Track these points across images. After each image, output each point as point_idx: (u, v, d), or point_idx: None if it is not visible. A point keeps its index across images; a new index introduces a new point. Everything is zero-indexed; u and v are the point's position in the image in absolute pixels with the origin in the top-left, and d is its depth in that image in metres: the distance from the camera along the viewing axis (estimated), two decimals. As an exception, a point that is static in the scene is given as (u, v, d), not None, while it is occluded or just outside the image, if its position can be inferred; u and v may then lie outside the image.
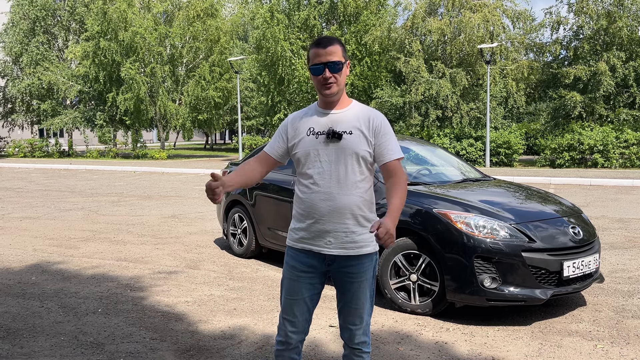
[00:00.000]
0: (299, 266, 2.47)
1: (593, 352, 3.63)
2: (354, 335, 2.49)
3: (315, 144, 2.40)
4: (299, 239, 2.47)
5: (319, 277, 2.48)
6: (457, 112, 22.51)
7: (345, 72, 2.39)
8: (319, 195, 2.38)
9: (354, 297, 2.45)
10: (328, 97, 2.39)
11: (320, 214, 2.39)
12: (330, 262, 2.44)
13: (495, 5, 22.45)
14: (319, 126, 2.42)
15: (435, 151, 6.06)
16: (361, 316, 2.47)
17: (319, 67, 2.34)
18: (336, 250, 2.40)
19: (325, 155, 2.38)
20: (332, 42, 2.36)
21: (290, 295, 2.48)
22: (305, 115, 2.49)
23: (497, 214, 4.28)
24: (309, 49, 2.40)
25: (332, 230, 2.39)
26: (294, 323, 2.49)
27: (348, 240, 2.39)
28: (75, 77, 29.86)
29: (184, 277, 5.53)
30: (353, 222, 2.39)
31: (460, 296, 4.10)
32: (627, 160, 19.48)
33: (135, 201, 11.49)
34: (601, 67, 20.96)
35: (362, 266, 2.43)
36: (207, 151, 39.09)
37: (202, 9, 28.47)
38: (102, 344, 3.77)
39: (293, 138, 2.47)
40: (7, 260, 6.25)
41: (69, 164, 23.44)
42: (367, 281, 2.45)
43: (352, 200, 2.37)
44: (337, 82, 2.36)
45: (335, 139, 2.36)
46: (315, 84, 2.39)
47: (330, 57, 2.33)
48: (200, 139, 63.17)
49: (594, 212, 9.42)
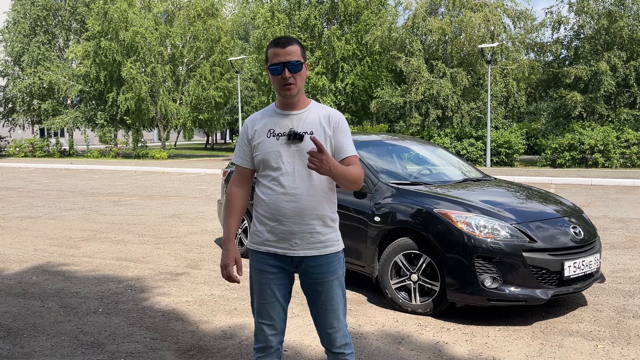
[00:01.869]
0: (267, 269, 2.43)
1: (594, 352, 3.63)
2: (334, 338, 2.45)
3: (276, 146, 2.37)
4: (263, 242, 2.43)
5: (288, 277, 2.47)
6: (457, 111, 22.51)
7: (304, 72, 2.36)
8: (284, 197, 2.35)
9: (327, 298, 2.42)
10: (287, 98, 2.36)
11: (285, 215, 2.36)
12: (298, 264, 2.41)
13: (496, 4, 22.44)
14: (279, 127, 2.39)
15: (436, 151, 6.06)
16: (338, 317, 2.44)
17: (278, 67, 2.31)
18: (303, 252, 2.38)
19: (287, 156, 2.35)
20: (291, 42, 2.34)
21: (264, 299, 2.45)
22: (263, 116, 2.46)
23: (498, 214, 4.28)
24: (267, 48, 2.38)
25: (298, 231, 2.36)
26: (272, 326, 2.46)
27: (314, 241, 2.37)
28: (76, 77, 29.87)
29: (184, 276, 5.53)
30: (319, 222, 2.37)
31: (461, 296, 4.10)
32: (627, 160, 19.46)
33: (136, 201, 11.49)
34: (602, 66, 20.94)
35: (330, 265, 2.41)
36: (208, 151, 39.10)
37: (203, 9, 28.47)
38: (103, 344, 3.77)
39: (253, 140, 2.44)
40: (8, 259, 6.26)
41: (70, 164, 23.45)
42: (337, 280, 2.44)
43: (318, 201, 2.36)
44: (296, 83, 2.33)
45: (297, 140, 2.34)
46: (275, 84, 2.36)
47: (289, 57, 2.31)
48: (201, 138, 63.18)
49: (594, 212, 9.41)
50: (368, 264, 4.69)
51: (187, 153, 34.61)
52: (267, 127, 2.41)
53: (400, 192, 4.64)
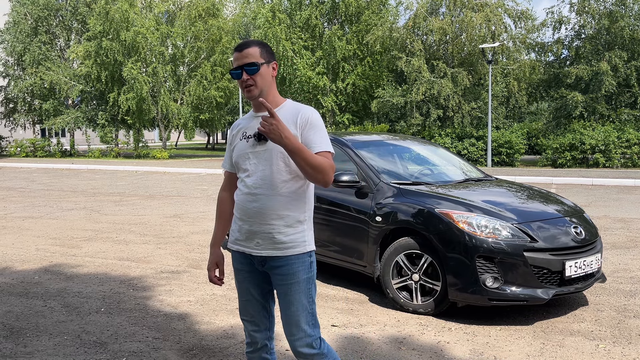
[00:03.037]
0: (240, 267, 2.50)
1: (595, 351, 3.64)
2: (293, 347, 2.40)
3: (246, 147, 2.41)
4: (234, 241, 2.49)
5: (262, 277, 2.48)
6: (458, 111, 22.51)
7: (265, 72, 2.36)
8: (247, 197, 2.39)
9: (286, 303, 2.39)
10: (250, 99, 2.41)
11: (248, 215, 2.39)
12: (262, 264, 2.42)
13: (497, 4, 22.44)
14: (250, 129, 2.42)
15: (437, 151, 6.06)
16: (297, 325, 2.38)
17: (237, 71, 2.35)
18: (265, 252, 2.39)
19: (254, 157, 2.38)
20: (249, 45, 2.36)
21: (242, 296, 2.52)
22: (242, 120, 2.52)
23: (499, 214, 4.29)
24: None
25: (259, 231, 2.38)
26: (253, 322, 2.52)
27: (275, 241, 2.36)
28: (77, 77, 29.89)
29: (186, 276, 5.54)
30: (280, 222, 2.35)
31: (462, 296, 4.11)
32: (628, 160, 19.46)
33: (137, 201, 11.50)
34: (603, 66, 20.94)
35: (291, 267, 2.37)
36: (209, 151, 39.11)
37: (204, 9, 28.49)
38: (105, 343, 3.78)
39: (232, 144, 2.51)
40: (10, 259, 6.27)
41: (71, 164, 23.47)
42: (298, 284, 2.38)
43: (278, 201, 2.34)
44: (256, 84, 2.35)
45: (263, 141, 2.35)
46: (240, 88, 2.43)
47: (245, 60, 2.33)
48: (201, 138, 63.20)
49: (595, 211, 9.41)
50: (369, 263, 4.69)
51: (188, 153, 34.62)
52: (242, 131, 2.47)
53: (401, 192, 4.65)
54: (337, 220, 4.96)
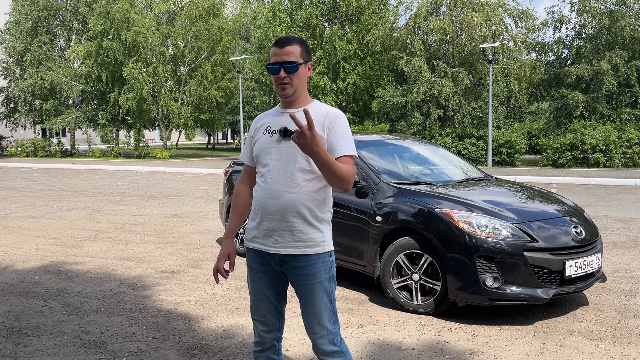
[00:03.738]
0: (255, 267, 2.46)
1: (595, 351, 3.63)
2: (316, 344, 2.41)
3: (269, 143, 2.39)
4: (251, 239, 2.46)
5: (278, 277, 2.45)
6: (459, 111, 22.50)
7: (302, 73, 2.36)
8: (267, 193, 2.36)
9: (309, 302, 2.38)
10: (283, 97, 2.39)
11: (267, 212, 2.36)
12: (281, 263, 2.39)
13: (498, 4, 22.43)
14: (275, 125, 2.40)
15: (437, 151, 6.06)
16: (320, 323, 2.38)
17: (275, 67, 2.33)
18: (283, 250, 2.36)
19: (276, 153, 2.36)
20: (291, 42, 2.34)
21: (254, 295, 2.49)
22: (267, 115, 2.50)
23: (500, 214, 4.28)
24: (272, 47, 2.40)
25: (278, 229, 2.35)
26: (264, 322, 2.49)
27: (295, 239, 2.34)
28: (77, 77, 29.91)
29: (186, 276, 5.54)
30: (300, 220, 2.33)
31: (462, 295, 4.10)
32: (629, 159, 19.45)
33: (137, 201, 11.51)
34: (603, 66, 20.94)
35: (312, 267, 2.35)
36: (209, 151, 39.12)
37: (204, 9, 28.49)
38: (105, 343, 3.78)
39: (254, 138, 2.49)
40: (11, 259, 6.27)
41: (72, 164, 23.48)
42: (320, 284, 2.37)
43: (298, 199, 2.32)
44: (292, 83, 2.33)
45: (288, 137, 2.34)
46: (274, 83, 2.39)
47: (285, 57, 2.32)
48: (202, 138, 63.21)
49: (596, 211, 9.41)
50: (369, 263, 4.69)
51: (188, 153, 34.63)
52: (265, 125, 2.45)
53: (401, 192, 4.65)
54: (337, 220, 4.94)
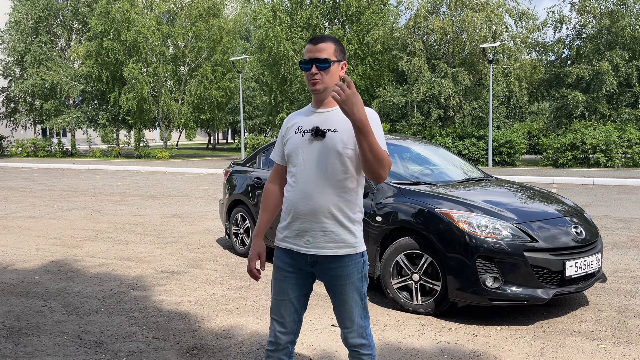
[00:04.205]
0: (283, 266, 2.45)
1: (595, 351, 3.63)
2: (346, 337, 2.46)
3: (300, 142, 2.38)
4: (282, 238, 2.45)
5: (305, 278, 2.45)
6: (459, 111, 22.50)
7: (334, 71, 2.36)
8: (298, 194, 2.36)
9: (340, 301, 2.41)
10: (314, 93, 2.39)
11: (299, 212, 2.36)
12: (313, 263, 2.40)
13: (498, 4, 22.43)
14: (306, 124, 2.40)
15: (438, 151, 6.06)
16: (351, 319, 2.42)
17: (307, 63, 2.35)
18: (315, 250, 2.36)
19: (308, 153, 2.35)
20: (325, 40, 2.36)
21: (277, 295, 2.47)
22: (298, 114, 2.50)
23: (500, 214, 4.28)
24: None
25: (310, 229, 2.35)
26: (282, 323, 2.47)
27: (327, 240, 2.35)
28: (78, 77, 29.92)
29: (186, 276, 5.54)
30: (332, 221, 2.34)
31: (462, 296, 4.10)
32: (629, 159, 19.44)
33: (138, 201, 11.51)
34: (604, 66, 20.93)
35: (344, 268, 2.37)
36: (210, 151, 39.13)
37: (205, 9, 28.49)
38: (105, 343, 3.78)
39: (285, 137, 2.48)
40: (11, 259, 6.28)
41: (72, 164, 23.49)
42: (352, 284, 2.39)
43: (330, 200, 2.32)
44: (323, 80, 2.34)
45: (319, 137, 2.34)
46: (306, 80, 2.40)
47: (318, 54, 2.33)
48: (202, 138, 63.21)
49: (596, 211, 9.40)
50: (369, 263, 4.68)
51: (189, 153, 34.64)
52: (297, 124, 2.45)
53: (401, 192, 4.64)
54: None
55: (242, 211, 6.43)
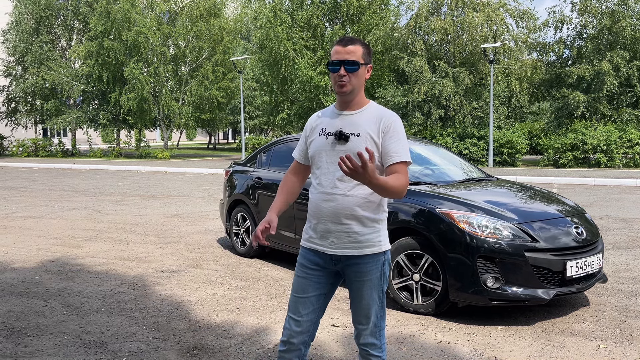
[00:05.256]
0: (307, 264, 2.49)
1: (596, 352, 3.63)
2: (360, 334, 2.50)
3: (324, 145, 2.41)
4: (308, 239, 2.51)
5: (327, 277, 2.49)
6: (460, 111, 22.49)
7: (361, 74, 2.37)
8: (322, 196, 2.40)
9: (357, 297, 2.46)
10: (341, 95, 2.39)
11: (323, 214, 2.40)
12: (336, 262, 2.45)
13: (499, 4, 22.42)
14: (330, 127, 2.43)
15: (438, 151, 6.05)
16: (367, 316, 2.46)
17: (336, 64, 2.35)
18: (339, 251, 2.41)
19: (331, 156, 2.38)
20: (354, 42, 2.37)
21: (297, 292, 2.50)
22: (323, 115, 2.52)
23: (501, 214, 4.28)
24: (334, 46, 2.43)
25: (334, 230, 2.39)
26: (298, 322, 2.48)
27: (351, 241, 2.39)
28: (78, 77, 29.94)
29: (187, 276, 5.54)
30: (355, 222, 2.37)
31: (463, 296, 4.10)
32: (630, 159, 19.44)
33: (138, 200, 11.51)
34: (604, 66, 20.91)
35: (365, 266, 2.41)
36: (210, 151, 39.13)
37: (205, 9, 28.51)
38: (106, 343, 3.78)
39: (309, 138, 2.52)
40: (11, 259, 6.28)
41: (73, 164, 23.49)
42: (371, 282, 2.43)
43: (353, 202, 2.35)
44: (351, 82, 2.35)
45: (343, 141, 2.36)
46: (332, 81, 2.40)
47: (347, 56, 2.34)
48: (203, 138, 63.23)
49: (597, 211, 9.40)
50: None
51: (189, 153, 34.64)
52: (321, 126, 2.47)
53: (402, 192, 4.63)
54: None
55: (242, 211, 6.43)
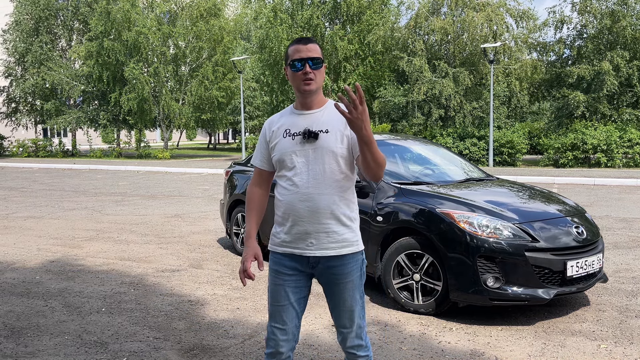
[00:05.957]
0: (282, 270, 2.42)
1: (596, 352, 3.63)
2: (345, 339, 2.45)
3: (292, 145, 2.37)
4: (280, 243, 2.44)
5: (304, 280, 2.44)
6: (460, 111, 22.49)
7: (323, 71, 2.38)
8: (298, 197, 2.35)
9: (340, 299, 2.41)
10: (307, 93, 2.36)
11: (300, 215, 2.35)
12: (314, 264, 2.40)
13: (499, 4, 22.42)
14: (295, 127, 2.38)
15: (439, 151, 6.05)
16: (351, 319, 2.43)
17: (299, 63, 2.33)
18: (319, 252, 2.36)
19: (302, 155, 2.35)
20: (312, 41, 2.37)
21: (278, 301, 2.44)
22: (281, 117, 2.47)
23: (501, 214, 4.27)
24: (288, 47, 2.39)
25: (313, 231, 2.35)
26: (284, 330, 2.43)
27: (330, 241, 2.36)
28: (78, 77, 29.94)
29: (187, 276, 5.54)
30: (334, 222, 2.35)
31: (463, 296, 4.10)
32: (630, 159, 19.43)
33: (138, 201, 11.51)
34: (605, 66, 20.90)
35: (346, 267, 2.38)
36: (210, 151, 39.13)
37: (206, 9, 28.50)
38: (106, 343, 3.78)
39: (271, 141, 2.45)
40: (12, 259, 6.28)
41: (73, 164, 23.49)
42: (352, 282, 2.40)
43: (332, 200, 2.34)
44: (316, 79, 2.34)
45: (312, 139, 2.33)
46: (294, 81, 2.36)
47: (310, 54, 2.32)
48: (203, 138, 63.23)
49: (597, 211, 9.40)
50: (370, 263, 4.68)
51: (189, 153, 34.65)
52: (283, 128, 2.42)
53: (402, 192, 4.64)
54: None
55: (242, 211, 6.43)
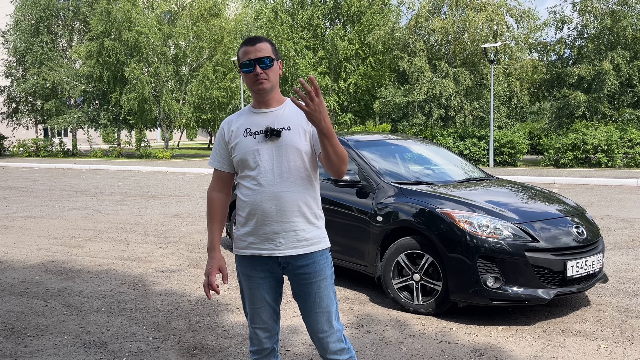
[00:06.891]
0: (253, 273, 2.38)
1: (597, 352, 3.62)
2: (326, 344, 2.38)
3: (253, 144, 2.32)
4: (248, 246, 2.37)
5: (275, 280, 2.41)
6: (460, 111, 22.49)
7: (276, 69, 2.34)
8: (264, 196, 2.30)
9: (316, 300, 2.36)
10: (261, 93, 2.32)
11: (267, 215, 2.30)
12: (284, 265, 2.35)
13: (499, 4, 22.41)
14: (255, 126, 2.34)
15: (439, 151, 6.05)
16: (329, 321, 2.37)
17: (249, 64, 2.30)
18: (288, 251, 2.32)
19: (265, 154, 2.30)
20: (261, 40, 2.33)
21: (254, 304, 2.41)
22: (240, 117, 2.41)
23: (501, 214, 4.27)
24: (239, 49, 2.36)
25: (281, 230, 2.31)
26: (265, 329, 2.43)
27: (299, 239, 2.32)
28: (79, 77, 29.95)
29: (187, 276, 5.54)
30: (302, 219, 2.32)
31: (463, 296, 4.09)
32: (631, 159, 19.41)
33: (138, 200, 11.51)
34: (605, 66, 20.89)
35: (317, 264, 2.35)
36: (211, 151, 39.07)
37: (206, 9, 28.51)
38: (106, 343, 3.78)
39: (230, 142, 2.39)
40: (11, 259, 6.28)
41: (73, 164, 23.50)
42: (326, 280, 2.37)
43: (299, 198, 2.30)
44: (269, 79, 2.31)
45: (274, 137, 2.30)
46: (247, 82, 2.34)
47: (259, 54, 2.29)
48: (203, 138, 63.24)
49: (598, 211, 9.39)
50: (370, 263, 4.68)
51: (190, 153, 34.65)
52: (243, 127, 2.37)
53: (402, 192, 4.64)
54: (338, 220, 4.95)
55: (242, 211, 6.41)
